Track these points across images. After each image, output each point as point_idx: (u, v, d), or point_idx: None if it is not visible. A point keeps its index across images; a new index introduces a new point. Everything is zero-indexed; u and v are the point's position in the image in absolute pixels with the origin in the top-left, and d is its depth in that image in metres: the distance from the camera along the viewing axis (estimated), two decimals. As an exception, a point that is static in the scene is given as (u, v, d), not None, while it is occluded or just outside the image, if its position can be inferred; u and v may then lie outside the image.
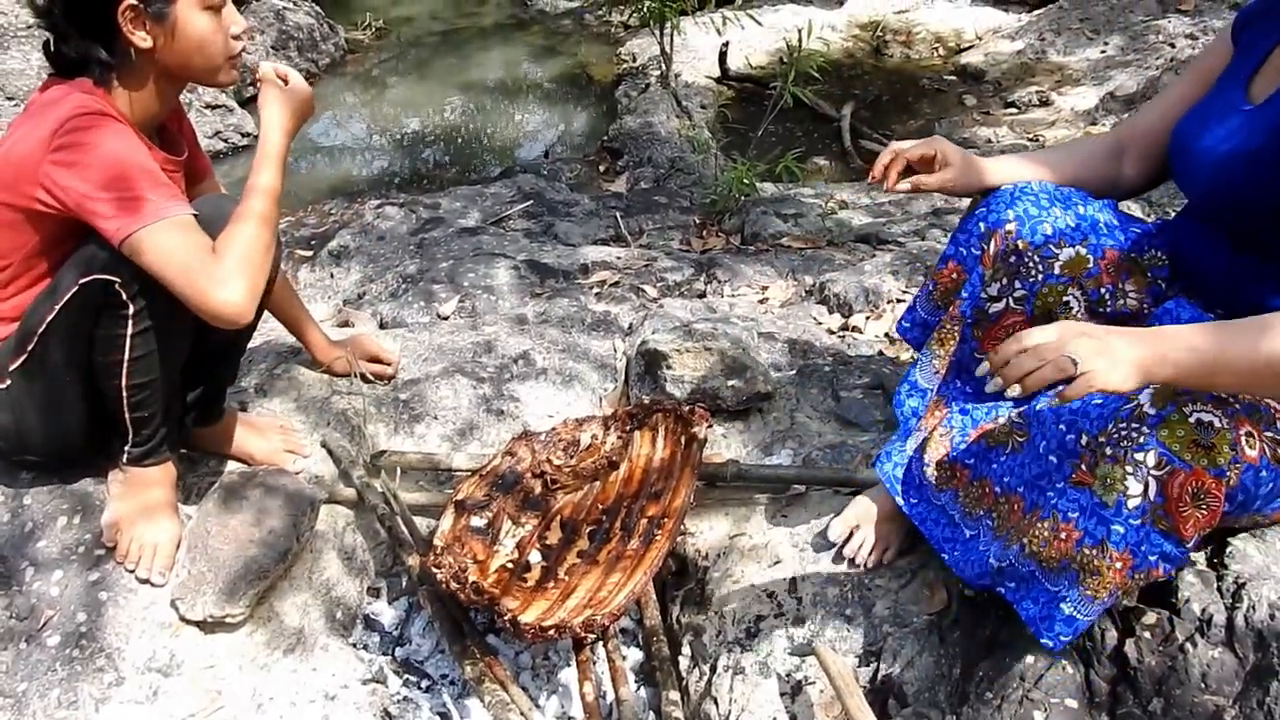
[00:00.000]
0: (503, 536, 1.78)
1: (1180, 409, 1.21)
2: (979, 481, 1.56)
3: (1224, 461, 1.20)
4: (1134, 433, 1.24)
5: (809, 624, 1.71)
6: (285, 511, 1.81)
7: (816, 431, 2.11)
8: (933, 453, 1.63)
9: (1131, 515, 1.26)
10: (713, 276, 3.19)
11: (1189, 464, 1.21)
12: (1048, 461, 1.40)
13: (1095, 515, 1.29)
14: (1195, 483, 1.22)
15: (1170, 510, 1.24)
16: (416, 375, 2.35)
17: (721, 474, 1.96)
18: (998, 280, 1.61)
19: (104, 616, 1.69)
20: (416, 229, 3.80)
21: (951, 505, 1.60)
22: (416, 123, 5.66)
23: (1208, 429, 1.20)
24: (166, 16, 1.60)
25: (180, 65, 1.66)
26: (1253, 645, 1.35)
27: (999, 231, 1.59)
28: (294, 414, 2.17)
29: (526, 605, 1.63)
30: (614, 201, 4.18)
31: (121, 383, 1.64)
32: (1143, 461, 1.23)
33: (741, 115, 5.30)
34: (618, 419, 1.99)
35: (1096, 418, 1.30)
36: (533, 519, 1.83)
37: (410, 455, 2.09)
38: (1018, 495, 1.47)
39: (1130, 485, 1.25)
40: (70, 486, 1.83)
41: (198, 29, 1.63)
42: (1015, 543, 1.43)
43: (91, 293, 1.56)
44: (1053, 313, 1.59)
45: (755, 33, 5.33)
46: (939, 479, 1.62)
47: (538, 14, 7.22)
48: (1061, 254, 1.57)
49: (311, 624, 1.81)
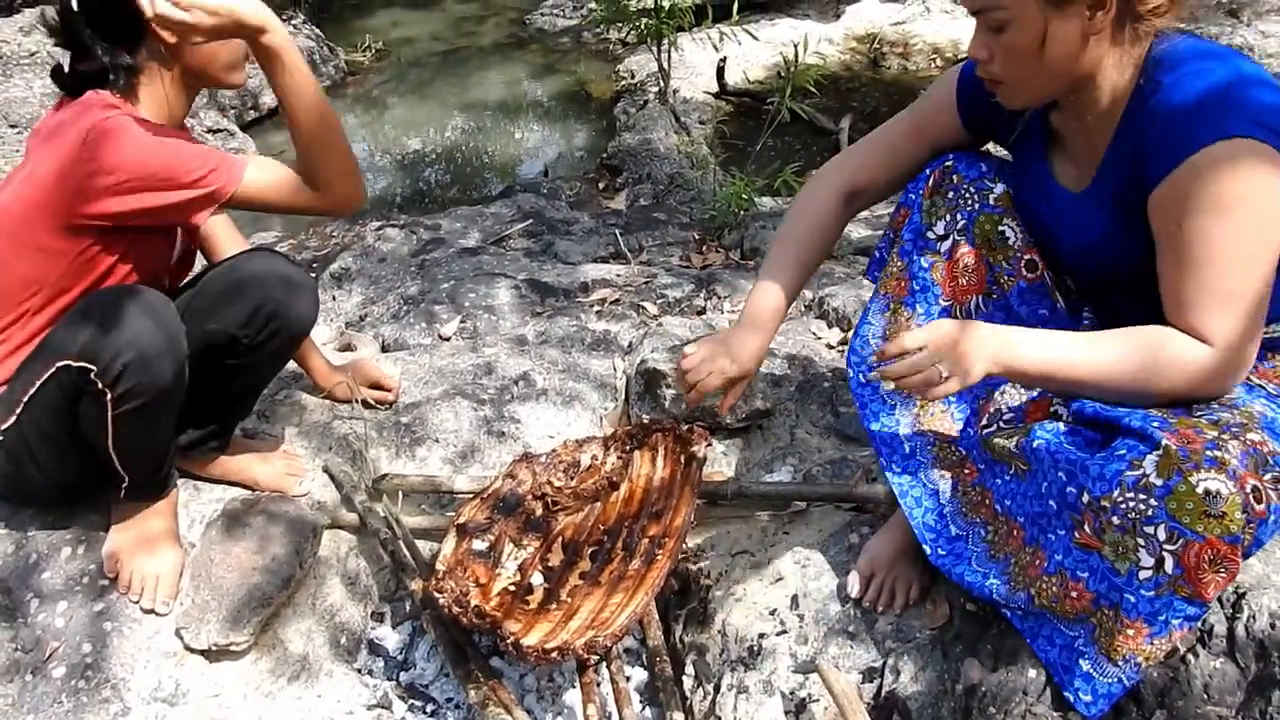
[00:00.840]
0: (505, 559, 1.78)
1: (1186, 479, 1.20)
2: (982, 490, 1.55)
3: (1237, 529, 1.19)
4: (1141, 504, 1.23)
5: (812, 641, 1.71)
6: (288, 538, 1.82)
7: (817, 447, 2.12)
8: (933, 425, 1.62)
9: (1144, 586, 1.25)
10: (713, 292, 3.20)
11: (1202, 535, 1.20)
12: (1047, 504, 1.39)
13: (1107, 580, 1.29)
14: (1211, 551, 1.21)
15: (1190, 579, 1.23)
16: (418, 398, 2.36)
17: (722, 492, 1.97)
18: (941, 217, 1.61)
19: (109, 647, 1.70)
20: (417, 250, 3.82)
21: (950, 498, 1.60)
22: (417, 143, 5.69)
23: (1216, 498, 1.18)
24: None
25: (204, 62, 1.68)
26: (1254, 655, 1.35)
27: (939, 169, 1.62)
28: (296, 439, 2.18)
29: (529, 628, 1.63)
30: (613, 219, 4.20)
31: (109, 448, 1.63)
32: (1153, 535, 1.22)
33: (740, 130, 5.31)
34: (617, 439, 2.00)
35: (1098, 478, 1.28)
36: (534, 541, 1.83)
37: (412, 478, 2.09)
38: (1018, 524, 1.47)
39: (1142, 557, 1.24)
40: (74, 517, 1.84)
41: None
42: (1022, 589, 1.43)
43: (68, 376, 1.55)
44: (991, 241, 1.59)
45: (752, 47, 5.34)
46: (941, 460, 1.61)
47: (536, 32, 7.25)
48: (996, 188, 1.59)
49: (316, 650, 1.81)
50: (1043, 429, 1.43)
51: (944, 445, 1.63)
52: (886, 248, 1.72)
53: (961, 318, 1.60)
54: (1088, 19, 1.31)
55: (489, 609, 1.64)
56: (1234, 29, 4.78)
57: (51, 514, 1.84)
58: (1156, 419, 1.30)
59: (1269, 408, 1.34)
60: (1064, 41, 1.32)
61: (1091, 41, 1.33)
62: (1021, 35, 1.33)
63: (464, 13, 7.78)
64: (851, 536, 1.84)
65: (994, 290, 1.61)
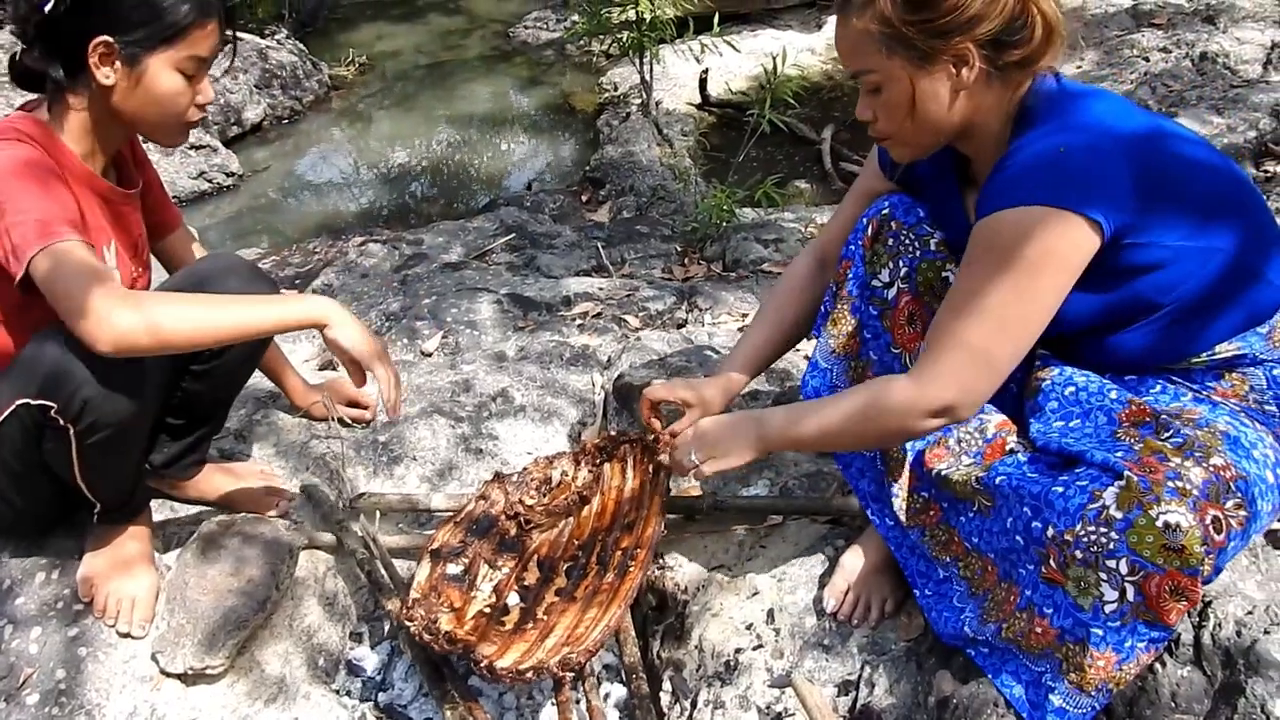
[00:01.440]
0: (480, 581, 1.78)
1: (1146, 512, 1.21)
2: (947, 528, 1.57)
3: (1196, 562, 1.20)
4: (1103, 537, 1.24)
5: (788, 655, 1.71)
6: (264, 559, 1.82)
7: (793, 460, 2.12)
8: (897, 479, 1.64)
9: (1110, 619, 1.26)
10: (694, 305, 3.20)
11: (1162, 568, 1.21)
12: (1014, 539, 1.39)
13: (1070, 616, 1.30)
14: (1172, 582, 1.22)
15: (1152, 605, 1.24)
16: (395, 416, 2.36)
17: (698, 506, 1.98)
18: (885, 265, 1.64)
19: (84, 672, 1.69)
20: (400, 265, 3.83)
21: (920, 544, 1.61)
22: (401, 157, 5.69)
23: (1175, 531, 1.20)
24: (138, 63, 1.58)
25: (133, 114, 1.64)
26: (1220, 663, 1.36)
27: (876, 218, 1.65)
28: (274, 459, 2.18)
29: (505, 649, 1.63)
30: (596, 232, 4.21)
31: (77, 478, 1.61)
32: (1115, 569, 1.24)
33: (723, 141, 5.33)
34: (587, 453, 2.00)
35: (1062, 512, 1.29)
36: (509, 561, 1.83)
37: (389, 497, 2.09)
38: (990, 560, 1.48)
39: (1105, 591, 1.25)
40: (47, 543, 1.83)
41: (164, 87, 1.62)
42: (993, 621, 1.44)
43: (28, 414, 1.53)
44: (935, 288, 1.61)
45: (734, 59, 5.37)
46: (909, 513, 1.62)
47: (520, 45, 7.27)
48: (935, 233, 1.62)
49: (293, 672, 1.81)
50: (1003, 464, 1.45)
51: (908, 495, 1.64)
52: (830, 301, 1.75)
53: (911, 364, 1.63)
54: (954, 75, 1.38)
55: (461, 634, 1.64)
56: (1210, 35, 4.81)
57: (25, 539, 1.84)
58: (1122, 448, 1.32)
59: (1232, 425, 1.35)
60: (934, 98, 1.40)
61: (962, 95, 1.40)
62: (894, 94, 1.41)
63: (448, 26, 7.80)
64: (827, 550, 1.85)
65: None
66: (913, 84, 1.39)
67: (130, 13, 1.56)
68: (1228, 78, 4.41)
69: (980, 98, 1.41)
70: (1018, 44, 1.36)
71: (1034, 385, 1.53)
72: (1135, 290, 1.39)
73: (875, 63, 1.40)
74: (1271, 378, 1.42)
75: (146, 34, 1.57)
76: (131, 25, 1.56)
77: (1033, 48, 1.37)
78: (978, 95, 1.41)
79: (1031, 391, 1.53)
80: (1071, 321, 1.43)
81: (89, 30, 1.55)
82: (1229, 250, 1.38)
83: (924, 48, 1.36)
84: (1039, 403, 1.50)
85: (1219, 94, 4.22)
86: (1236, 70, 4.48)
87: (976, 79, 1.38)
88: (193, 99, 1.66)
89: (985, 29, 1.34)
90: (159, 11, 1.57)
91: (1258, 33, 4.75)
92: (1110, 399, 1.43)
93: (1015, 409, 1.59)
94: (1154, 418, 1.36)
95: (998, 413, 1.60)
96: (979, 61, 1.36)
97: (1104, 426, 1.40)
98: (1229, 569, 1.45)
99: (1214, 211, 1.39)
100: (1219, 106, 4.09)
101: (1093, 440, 1.38)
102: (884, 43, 1.38)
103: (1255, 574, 1.48)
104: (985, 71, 1.38)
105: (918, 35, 1.35)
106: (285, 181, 5.28)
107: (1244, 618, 1.38)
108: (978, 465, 1.51)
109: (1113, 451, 1.31)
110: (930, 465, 1.57)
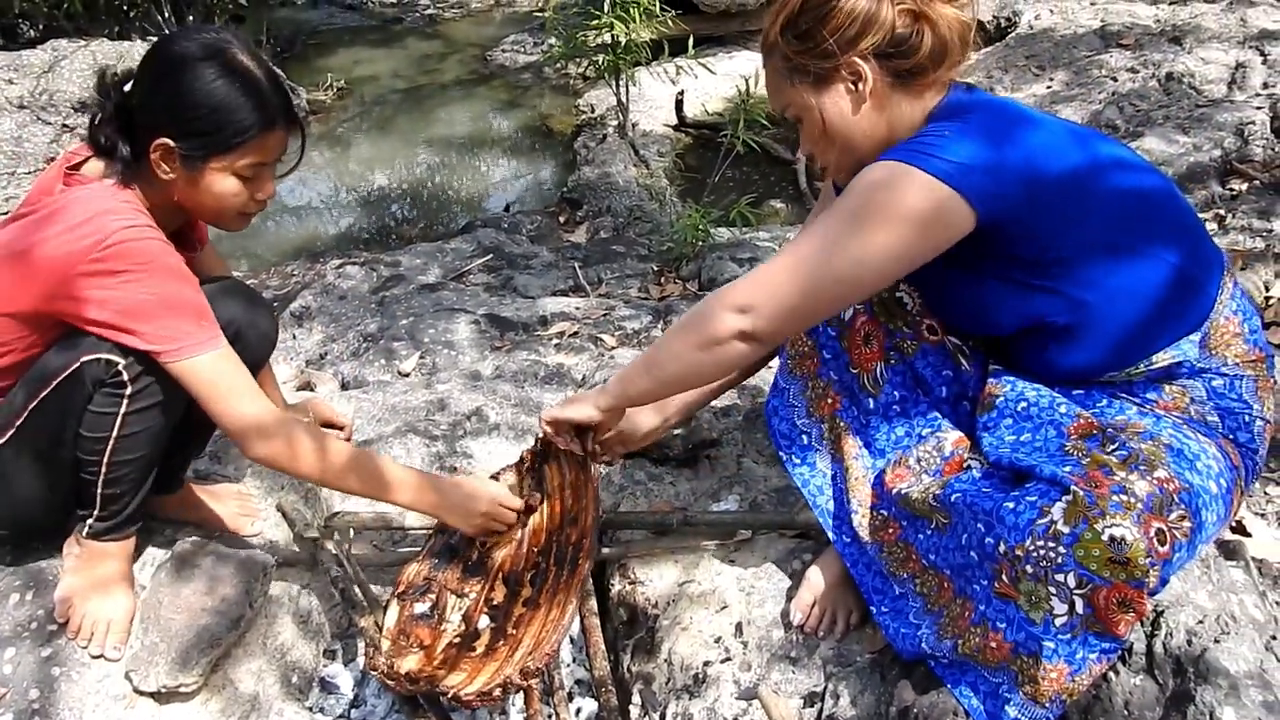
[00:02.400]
0: (449, 613, 1.80)
1: (1092, 526, 1.24)
2: (905, 545, 1.60)
3: (1141, 574, 1.23)
4: (1051, 552, 1.27)
5: (755, 668, 1.74)
6: (238, 578, 1.83)
7: (762, 476, 2.15)
8: (857, 496, 1.67)
9: (1060, 631, 1.30)
10: (670, 323, 3.24)
11: (1109, 580, 1.25)
12: (969, 555, 1.43)
13: (1023, 630, 1.33)
14: (1119, 595, 1.25)
15: (1101, 617, 1.28)
16: (370, 436, 2.39)
17: (668, 522, 2.00)
18: None
19: (57, 692, 1.70)
20: (377, 287, 3.85)
21: (876, 559, 1.64)
22: (379, 180, 5.73)
23: (1120, 544, 1.23)
24: (196, 167, 1.61)
25: (191, 206, 1.68)
26: (1171, 671, 1.39)
27: None
28: (250, 479, 2.19)
29: (476, 673, 1.65)
30: (573, 252, 4.25)
31: (104, 459, 1.66)
32: (1064, 583, 1.27)
33: (699, 162, 5.39)
34: (526, 461, 1.99)
35: (1012, 527, 1.32)
36: (476, 585, 1.85)
37: (362, 515, 2.11)
38: (946, 576, 1.51)
39: (1055, 605, 1.29)
40: (23, 563, 1.84)
41: (221, 189, 1.65)
42: (949, 637, 1.47)
43: (90, 371, 1.59)
44: (890, 308, 1.66)
45: (710, 81, 5.43)
46: (869, 528, 1.66)
47: (498, 69, 7.33)
48: None
49: (266, 690, 1.83)
50: (959, 480, 1.49)
51: (868, 512, 1.68)
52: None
53: (868, 385, 1.68)
54: (853, 90, 1.48)
55: (426, 669, 1.66)
56: (1176, 55, 4.89)
57: (13, 547, 1.85)
58: (1070, 462, 1.35)
59: (1176, 437, 1.39)
60: (840, 114, 1.50)
61: (867, 108, 1.49)
62: (809, 120, 1.53)
63: (425, 51, 7.85)
64: (794, 563, 1.88)
65: (893, 356, 1.67)
66: (819, 106, 1.49)
67: (194, 121, 1.58)
68: (1193, 97, 4.49)
69: (890, 109, 1.50)
70: (906, 54, 1.46)
71: (987, 400, 1.57)
72: (1058, 293, 1.45)
73: (788, 95, 1.54)
74: (1211, 389, 1.46)
75: (207, 142, 1.59)
76: (194, 133, 1.59)
77: (921, 58, 1.46)
78: (886, 106, 1.49)
79: (985, 406, 1.57)
80: (1002, 319, 1.51)
81: (155, 126, 1.59)
82: (1171, 264, 1.43)
83: (816, 70, 1.48)
84: (992, 417, 1.55)
85: (1185, 113, 4.30)
86: (1202, 90, 4.56)
87: (877, 90, 1.48)
88: (250, 197, 1.69)
89: (868, 44, 1.45)
90: (222, 123, 1.59)
91: (1222, 53, 4.84)
92: (1060, 413, 1.47)
93: (970, 424, 1.63)
94: (1100, 431, 1.40)
95: (954, 429, 1.64)
96: (875, 74, 1.46)
97: (1053, 439, 1.44)
98: (1180, 578, 1.49)
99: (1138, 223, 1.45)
100: (1185, 126, 4.16)
101: (1043, 454, 1.42)
102: (788, 75, 1.52)
103: (1206, 584, 1.51)
104: (886, 83, 1.48)
105: (809, 60, 1.48)
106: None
107: (1195, 627, 1.42)
108: (936, 482, 1.54)
109: (1061, 465, 1.35)
110: (891, 485, 1.61)
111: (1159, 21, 5.51)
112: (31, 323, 1.62)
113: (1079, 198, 1.41)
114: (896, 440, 1.68)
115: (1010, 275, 1.46)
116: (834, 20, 1.45)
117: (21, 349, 1.66)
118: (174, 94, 1.58)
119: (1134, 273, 1.43)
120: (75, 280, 1.55)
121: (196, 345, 1.59)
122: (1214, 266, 1.49)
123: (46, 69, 5.41)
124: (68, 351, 1.60)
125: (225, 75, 1.58)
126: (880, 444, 1.69)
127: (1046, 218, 1.40)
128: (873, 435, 1.70)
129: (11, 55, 5.57)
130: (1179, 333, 1.46)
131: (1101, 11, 5.83)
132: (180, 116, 1.58)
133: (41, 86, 5.27)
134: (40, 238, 1.58)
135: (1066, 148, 1.44)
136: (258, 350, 1.86)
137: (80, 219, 1.56)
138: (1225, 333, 1.48)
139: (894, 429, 1.68)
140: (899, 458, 1.63)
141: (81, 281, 1.54)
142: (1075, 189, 1.41)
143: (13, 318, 1.62)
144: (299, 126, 1.71)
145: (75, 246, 1.54)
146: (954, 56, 1.49)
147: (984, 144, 1.38)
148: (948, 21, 1.46)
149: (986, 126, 1.41)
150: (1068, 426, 1.44)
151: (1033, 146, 1.40)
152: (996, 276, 1.47)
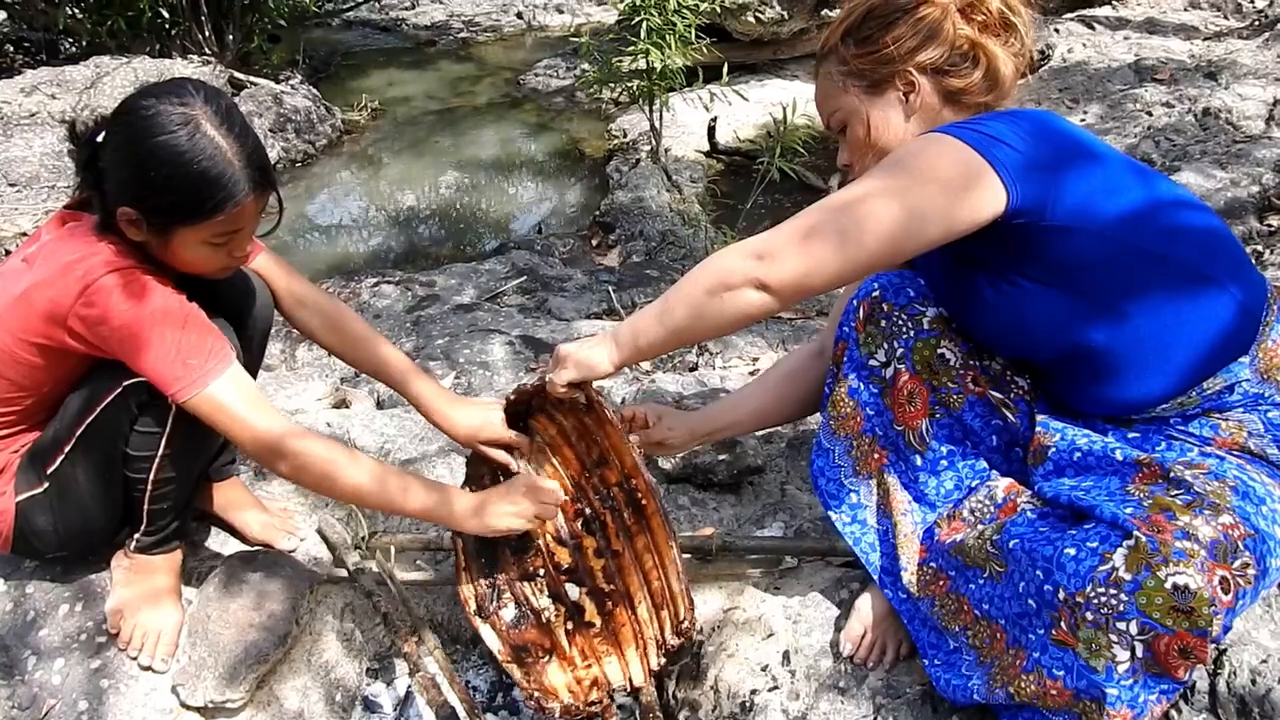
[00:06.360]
0: (536, 602, 1.79)
1: (1155, 573, 1.22)
2: (957, 597, 1.58)
3: (1205, 623, 1.21)
4: (1113, 599, 1.25)
5: (803, 697, 1.72)
6: (285, 594, 1.84)
7: (807, 504, 2.14)
8: (907, 551, 1.66)
9: (1123, 678, 1.27)
10: (704, 349, 3.24)
11: (1171, 629, 1.23)
12: (1026, 604, 1.40)
13: (1085, 678, 1.30)
14: (1180, 643, 1.23)
15: (1160, 661, 1.25)
16: (413, 455, 2.39)
17: (707, 547, 1.99)
18: (880, 346, 1.67)
19: (105, 704, 1.71)
20: (413, 306, 3.87)
21: (929, 614, 1.63)
22: (412, 200, 5.76)
23: (1184, 593, 1.21)
24: (165, 233, 1.58)
25: (167, 262, 1.63)
26: (1235, 710, 1.38)
27: (866, 300, 1.68)
28: (292, 494, 2.20)
29: (618, 644, 1.74)
30: (606, 275, 4.25)
31: (150, 476, 1.68)
32: (1126, 630, 1.25)
33: (731, 188, 5.40)
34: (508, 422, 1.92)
35: (1073, 574, 1.30)
36: (535, 560, 1.84)
37: (400, 537, 2.11)
38: (999, 626, 1.48)
39: (1117, 653, 1.26)
40: (72, 575, 1.85)
41: (194, 255, 1.61)
42: (1000, 685, 1.44)
43: (138, 391, 1.60)
44: (932, 366, 1.64)
45: (742, 108, 5.45)
46: (919, 584, 1.64)
47: (530, 92, 7.38)
48: (928, 311, 1.65)
49: (311, 707, 1.82)
50: (1014, 524, 1.46)
51: (917, 569, 1.66)
52: (831, 381, 1.76)
53: (914, 442, 1.67)
54: (904, 100, 1.54)
55: (577, 676, 1.71)
56: (1212, 90, 4.89)
57: (49, 571, 1.86)
58: (1132, 503, 1.33)
59: (1241, 479, 1.36)
60: (887, 123, 1.56)
61: (913, 121, 1.54)
62: (855, 126, 1.57)
63: (459, 73, 7.92)
64: (842, 592, 1.87)
65: (939, 411, 1.66)
66: (867, 112, 1.56)
67: (158, 197, 1.53)
68: (1230, 133, 4.48)
69: (936, 121, 1.52)
70: (959, 74, 1.51)
71: (1039, 452, 1.55)
72: (1112, 320, 1.44)
73: (838, 100, 1.60)
74: (1268, 421, 1.44)
75: (174, 217, 1.55)
76: (158, 209, 1.54)
77: (972, 81, 1.51)
78: (932, 121, 1.53)
79: (1038, 458, 1.55)
80: (1044, 323, 1.49)
81: (120, 195, 1.55)
82: (1234, 296, 1.43)
83: (873, 77, 1.55)
84: (1048, 469, 1.53)
85: (1222, 149, 4.29)
86: (1239, 126, 4.55)
87: (926, 104, 1.53)
88: (228, 255, 1.64)
89: (926, 57, 1.51)
90: (186, 201, 1.53)
91: (1259, 89, 4.83)
92: (1117, 459, 1.45)
93: (1022, 470, 1.61)
94: (1164, 475, 1.38)
95: (1003, 477, 1.62)
96: (928, 87, 1.51)
97: (1114, 482, 1.42)
98: (1243, 619, 1.47)
99: (1198, 253, 1.44)
100: (1222, 161, 4.15)
101: (1103, 493, 1.40)
102: (842, 80, 1.59)
103: (1269, 623, 1.49)
104: (937, 99, 1.53)
105: (867, 66, 1.55)
106: (298, 223, 5.34)
107: (1258, 666, 1.40)
108: (991, 527, 1.52)
109: (1122, 506, 1.32)
110: (945, 539, 1.60)
111: (1194, 57, 5.51)
112: (45, 353, 1.60)
113: (1138, 225, 1.41)
114: (946, 494, 1.67)
115: (1057, 301, 1.45)
116: (898, 29, 1.51)
117: (44, 390, 1.66)
118: (139, 167, 1.52)
119: (1198, 304, 1.42)
120: (68, 324, 1.55)
121: (194, 382, 1.54)
122: (1263, 295, 1.49)
123: (89, 85, 5.49)
124: (112, 377, 1.61)
125: (191, 151, 1.50)
126: (930, 496, 1.68)
127: (1095, 234, 1.39)
128: (922, 489, 1.69)
129: (55, 70, 5.66)
130: (1231, 358, 1.45)
131: (1135, 46, 5.83)
132: (142, 192, 1.53)
133: (84, 102, 5.35)
134: (32, 281, 1.57)
135: (1122, 177, 1.44)
136: (260, 322, 1.88)
137: (68, 261, 1.55)
138: (1275, 355, 1.47)
139: (943, 483, 1.68)
140: (951, 512, 1.62)
141: (75, 325, 1.54)
142: (1136, 215, 1.41)
143: (28, 349, 1.60)
144: (272, 189, 1.63)
145: (62, 292, 1.53)
146: (1004, 88, 1.55)
147: (1026, 137, 1.39)
148: (1001, 60, 1.52)
149: (1033, 128, 1.42)
150: (1132, 477, 1.41)
151: (1081, 169, 1.41)
152: (1040, 285, 1.45)
